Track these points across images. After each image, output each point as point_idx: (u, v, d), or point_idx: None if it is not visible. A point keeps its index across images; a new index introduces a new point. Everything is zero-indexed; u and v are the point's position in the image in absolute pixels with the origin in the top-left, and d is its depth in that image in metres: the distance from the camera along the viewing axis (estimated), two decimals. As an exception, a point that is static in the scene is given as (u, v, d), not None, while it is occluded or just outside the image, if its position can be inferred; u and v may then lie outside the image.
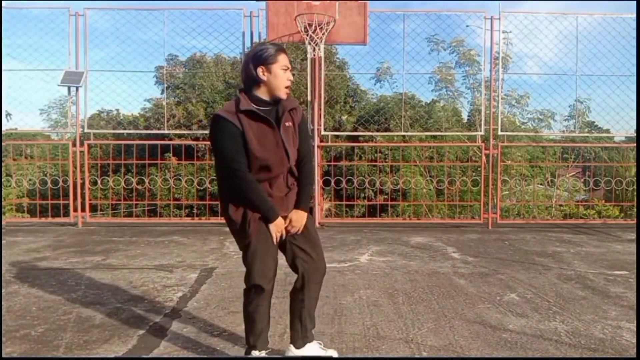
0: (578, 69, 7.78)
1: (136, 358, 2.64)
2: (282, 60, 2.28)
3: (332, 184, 8.17)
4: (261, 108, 2.29)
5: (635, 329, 3.06)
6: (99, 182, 8.49)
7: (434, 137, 12.29)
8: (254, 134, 2.25)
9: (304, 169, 2.43)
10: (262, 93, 2.31)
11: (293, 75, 2.49)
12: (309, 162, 2.46)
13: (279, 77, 2.28)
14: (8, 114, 9.74)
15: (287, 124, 2.32)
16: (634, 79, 7.72)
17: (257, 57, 2.28)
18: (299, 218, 2.41)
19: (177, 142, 10.66)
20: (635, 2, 7.75)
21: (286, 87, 2.32)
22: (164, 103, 10.93)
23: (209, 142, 9.44)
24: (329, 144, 8.96)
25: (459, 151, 12.95)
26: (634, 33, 7.62)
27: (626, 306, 3.55)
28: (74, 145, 7.49)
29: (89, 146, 8.00)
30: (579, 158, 12.77)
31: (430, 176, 11.74)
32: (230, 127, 2.22)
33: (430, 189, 11.27)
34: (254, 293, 2.42)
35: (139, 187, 8.91)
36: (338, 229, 7.17)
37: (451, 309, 3.44)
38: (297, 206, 2.42)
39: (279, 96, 2.31)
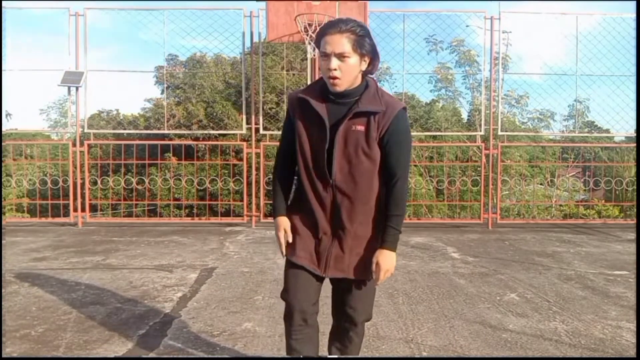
0: (578, 69, 7.78)
1: (136, 358, 2.64)
2: (323, 44, 1.78)
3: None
4: (331, 97, 1.83)
5: (635, 329, 3.06)
6: (99, 182, 8.49)
7: (434, 137, 12.29)
8: (303, 127, 1.87)
9: (392, 193, 1.83)
10: None
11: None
12: (399, 185, 1.83)
13: (321, 65, 1.83)
14: (8, 114, 9.75)
15: (354, 127, 1.79)
16: (634, 79, 7.73)
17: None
18: (386, 260, 1.85)
19: (177, 142, 10.66)
20: (635, 2, 7.75)
21: (330, 78, 1.79)
22: (164, 103, 10.92)
23: (208, 142, 9.40)
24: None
25: (458, 151, 12.95)
26: (634, 33, 7.62)
27: (626, 306, 3.55)
28: (74, 145, 7.49)
29: (89, 146, 8.00)
30: (579, 158, 12.77)
31: (430, 176, 11.73)
32: (287, 111, 1.95)
33: (430, 189, 11.26)
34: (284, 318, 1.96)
35: (139, 187, 8.90)
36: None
37: (451, 309, 3.44)
38: (381, 245, 1.86)
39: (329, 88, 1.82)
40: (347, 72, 1.77)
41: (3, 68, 7.25)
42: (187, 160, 10.41)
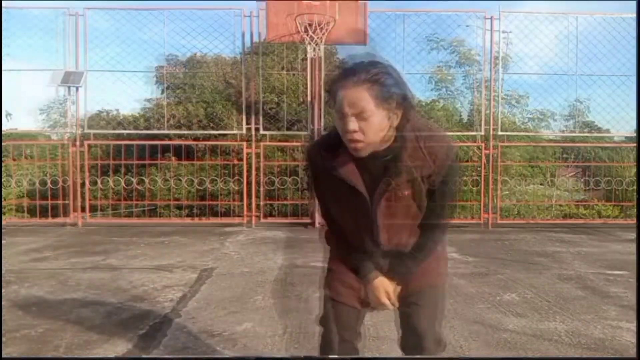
0: (578, 69, 7.78)
1: (136, 358, 2.64)
2: (338, 99, 1.42)
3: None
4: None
5: (635, 329, 3.06)
6: (99, 182, 8.48)
7: (434, 137, 12.26)
8: (333, 196, 1.65)
9: (426, 236, 1.63)
10: None
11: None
12: (438, 234, 1.66)
13: (336, 122, 1.48)
14: (8, 114, 9.75)
15: (400, 193, 1.54)
16: (634, 79, 7.73)
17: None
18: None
19: (177, 142, 10.65)
20: (635, 2, 7.75)
21: (350, 142, 1.44)
22: (164, 103, 10.92)
23: (208, 142, 9.39)
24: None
25: (458, 151, 12.93)
26: (634, 33, 7.62)
27: (626, 306, 3.55)
28: (74, 145, 7.49)
29: (89, 146, 8.00)
30: (579, 158, 12.76)
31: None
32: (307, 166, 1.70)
33: (430, 189, 11.23)
34: None
35: (139, 187, 8.89)
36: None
37: (451, 309, 3.44)
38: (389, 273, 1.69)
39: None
40: (371, 133, 1.42)
41: (3, 68, 7.26)
42: (187, 161, 10.39)
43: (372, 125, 1.41)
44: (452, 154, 1.53)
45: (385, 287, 1.64)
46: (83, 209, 7.54)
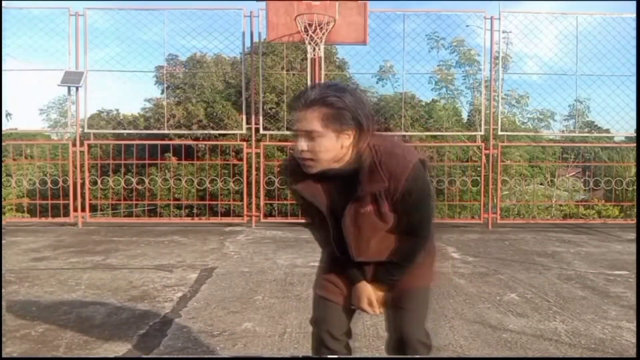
0: (578, 69, 7.78)
1: (136, 358, 2.64)
2: (293, 121, 1.55)
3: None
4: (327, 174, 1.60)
5: (635, 329, 3.05)
6: (99, 182, 8.49)
7: (434, 136, 12.28)
8: (307, 212, 1.76)
9: (411, 245, 1.68)
10: None
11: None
12: (422, 243, 1.69)
13: None
14: (8, 114, 9.75)
15: (362, 210, 1.59)
16: (634, 79, 7.72)
17: None
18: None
19: (177, 142, 10.65)
20: (635, 2, 7.76)
21: (301, 160, 1.54)
22: (164, 103, 10.93)
23: (209, 142, 9.41)
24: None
25: (459, 151, 12.94)
26: (634, 33, 7.62)
27: (626, 306, 3.55)
28: (74, 145, 7.49)
29: (89, 146, 8.00)
30: (579, 158, 12.77)
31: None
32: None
33: (430, 189, 11.24)
34: None
35: (139, 187, 8.90)
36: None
37: (451, 308, 3.44)
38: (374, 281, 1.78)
39: None
40: (320, 153, 1.49)
41: (3, 68, 7.26)
42: (187, 160, 10.40)
43: (320, 146, 1.48)
44: (410, 171, 1.53)
45: (367, 293, 1.71)
46: (83, 209, 7.53)
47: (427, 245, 1.69)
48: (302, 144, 1.50)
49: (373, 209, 1.58)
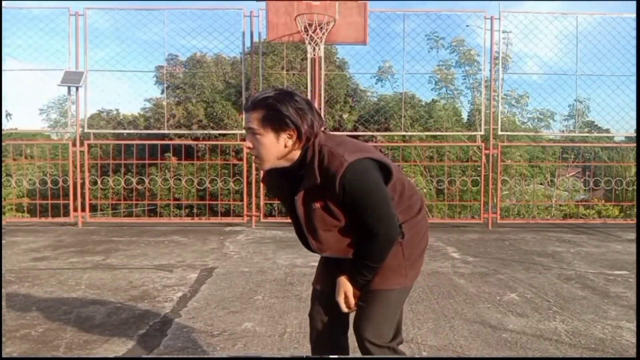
0: (578, 68, 7.78)
1: (136, 358, 2.64)
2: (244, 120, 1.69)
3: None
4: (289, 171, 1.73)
5: (635, 329, 3.06)
6: (99, 182, 8.49)
7: (434, 136, 12.28)
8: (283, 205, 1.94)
9: (372, 244, 1.68)
10: None
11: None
12: (382, 239, 1.67)
13: None
14: (8, 114, 9.75)
15: (313, 205, 1.66)
16: (634, 79, 7.72)
17: None
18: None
19: (177, 142, 10.65)
20: (635, 2, 7.76)
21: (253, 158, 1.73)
22: (164, 103, 10.93)
23: (208, 142, 9.40)
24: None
25: (459, 151, 12.94)
26: (634, 33, 7.63)
27: (626, 306, 3.55)
28: (74, 145, 7.49)
29: (89, 146, 8.00)
30: (579, 158, 12.77)
31: (430, 176, 11.72)
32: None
33: (430, 189, 11.25)
34: None
35: (139, 187, 8.90)
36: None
37: (451, 308, 3.45)
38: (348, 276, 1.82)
39: None
40: (262, 152, 1.63)
41: (3, 68, 7.26)
42: (187, 160, 10.41)
43: (262, 144, 1.61)
44: (343, 169, 1.56)
45: (344, 288, 1.77)
46: (83, 209, 7.53)
47: (389, 244, 1.67)
48: (247, 142, 1.65)
49: (321, 205, 1.64)
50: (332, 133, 1.80)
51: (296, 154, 1.65)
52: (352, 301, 1.77)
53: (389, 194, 1.67)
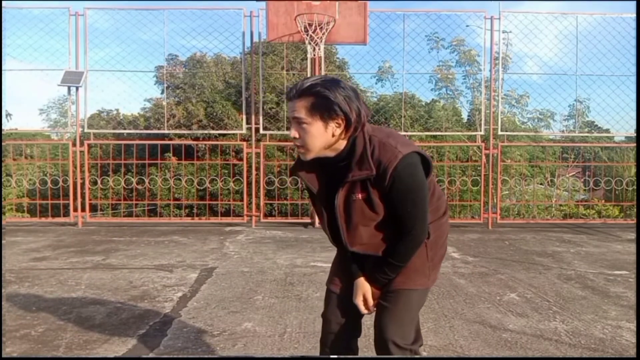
0: (578, 68, 7.78)
1: (136, 358, 2.64)
2: (288, 109, 1.64)
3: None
4: (327, 162, 1.68)
5: (635, 329, 3.06)
6: (99, 182, 8.49)
7: (434, 136, 12.29)
8: (312, 201, 1.83)
9: (402, 241, 1.66)
10: None
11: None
12: (413, 236, 1.65)
13: None
14: (8, 114, 9.75)
15: (354, 196, 1.62)
16: (634, 79, 7.72)
17: None
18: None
19: (177, 142, 10.67)
20: (635, 2, 7.76)
21: (296, 147, 1.66)
22: (164, 103, 10.93)
23: (208, 142, 9.41)
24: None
25: (459, 151, 12.95)
26: (634, 33, 7.63)
27: (626, 306, 3.55)
28: (74, 145, 7.49)
29: (89, 146, 8.00)
30: (579, 158, 12.77)
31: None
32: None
33: (430, 189, 11.25)
34: None
35: (139, 187, 8.90)
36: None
37: (451, 308, 3.44)
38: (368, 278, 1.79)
39: None
40: (309, 141, 1.58)
41: (3, 68, 7.26)
42: (187, 160, 10.41)
43: (309, 133, 1.57)
44: (397, 162, 1.54)
45: (363, 290, 1.74)
46: (83, 209, 7.53)
47: (418, 243, 1.66)
48: (293, 132, 1.60)
49: (363, 196, 1.61)
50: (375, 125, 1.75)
51: (342, 143, 1.60)
52: (370, 302, 1.74)
53: (428, 192, 1.66)
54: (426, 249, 1.74)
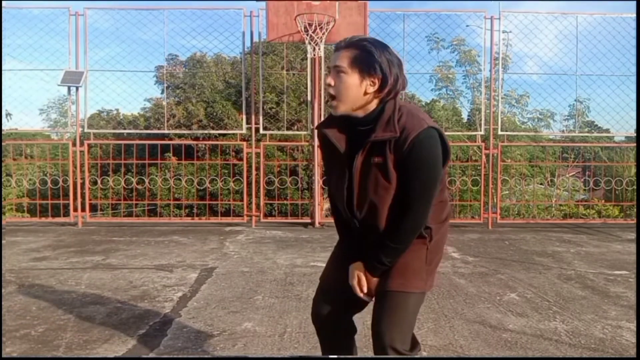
0: (578, 68, 7.78)
1: (136, 358, 2.64)
2: (332, 58, 1.69)
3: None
4: (353, 126, 1.69)
5: (635, 329, 3.06)
6: (99, 182, 8.49)
7: (434, 136, 12.28)
8: (329, 164, 1.83)
9: (401, 221, 1.65)
10: None
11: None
12: (411, 217, 1.63)
13: None
14: (8, 114, 9.74)
15: (373, 159, 1.62)
16: (634, 79, 7.73)
17: None
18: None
19: (177, 142, 10.66)
20: (635, 2, 7.76)
21: (328, 97, 1.70)
22: (164, 103, 10.94)
23: (208, 142, 9.40)
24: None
25: (459, 151, 12.95)
26: (634, 33, 7.62)
27: (626, 306, 3.55)
28: (74, 145, 7.49)
29: (89, 146, 8.00)
30: (579, 158, 12.77)
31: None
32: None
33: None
34: None
35: (139, 187, 8.90)
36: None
37: (451, 308, 3.45)
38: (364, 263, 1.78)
39: None
40: (343, 92, 1.61)
41: (3, 68, 7.26)
42: (187, 160, 10.41)
43: (344, 83, 1.60)
44: (422, 130, 1.56)
45: (358, 271, 1.74)
46: (83, 209, 7.53)
47: (416, 226, 1.64)
48: (330, 79, 1.62)
49: (380, 161, 1.61)
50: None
51: (373, 105, 1.63)
52: (364, 284, 1.72)
53: (441, 176, 1.65)
54: (426, 252, 1.73)
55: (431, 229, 1.70)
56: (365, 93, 1.61)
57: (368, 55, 1.58)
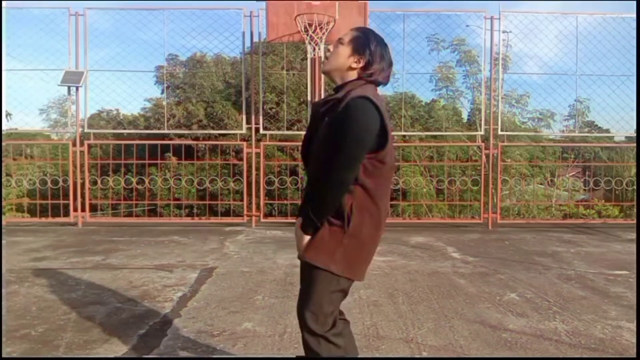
0: (578, 68, 7.78)
1: (136, 358, 2.64)
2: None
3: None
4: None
5: (635, 329, 3.06)
6: (99, 182, 8.49)
7: (434, 136, 12.29)
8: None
9: (313, 181, 1.82)
10: None
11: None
12: (320, 177, 1.74)
13: None
14: (8, 114, 9.74)
15: (325, 120, 1.80)
16: (634, 79, 7.72)
17: None
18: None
19: (177, 142, 10.66)
20: (635, 2, 7.75)
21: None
22: (164, 103, 10.94)
23: (208, 142, 9.40)
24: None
25: (459, 151, 12.96)
26: (634, 33, 7.62)
27: (626, 306, 3.55)
28: (74, 145, 7.49)
29: (89, 146, 8.00)
30: (579, 158, 12.77)
31: (430, 176, 11.72)
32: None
33: (430, 189, 11.26)
34: None
35: (139, 187, 8.90)
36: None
37: (451, 308, 3.45)
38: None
39: None
40: (334, 56, 1.88)
41: (3, 68, 7.25)
42: (187, 160, 10.41)
43: (337, 51, 1.88)
44: (357, 96, 1.72)
45: (296, 227, 1.85)
46: (83, 209, 7.53)
47: (325, 194, 1.72)
48: (331, 46, 1.93)
49: (327, 120, 1.79)
50: None
51: (350, 77, 1.86)
52: (300, 242, 1.81)
53: (364, 151, 1.71)
54: (343, 235, 1.76)
55: (351, 213, 1.74)
56: (350, 68, 1.85)
57: (365, 40, 1.85)
